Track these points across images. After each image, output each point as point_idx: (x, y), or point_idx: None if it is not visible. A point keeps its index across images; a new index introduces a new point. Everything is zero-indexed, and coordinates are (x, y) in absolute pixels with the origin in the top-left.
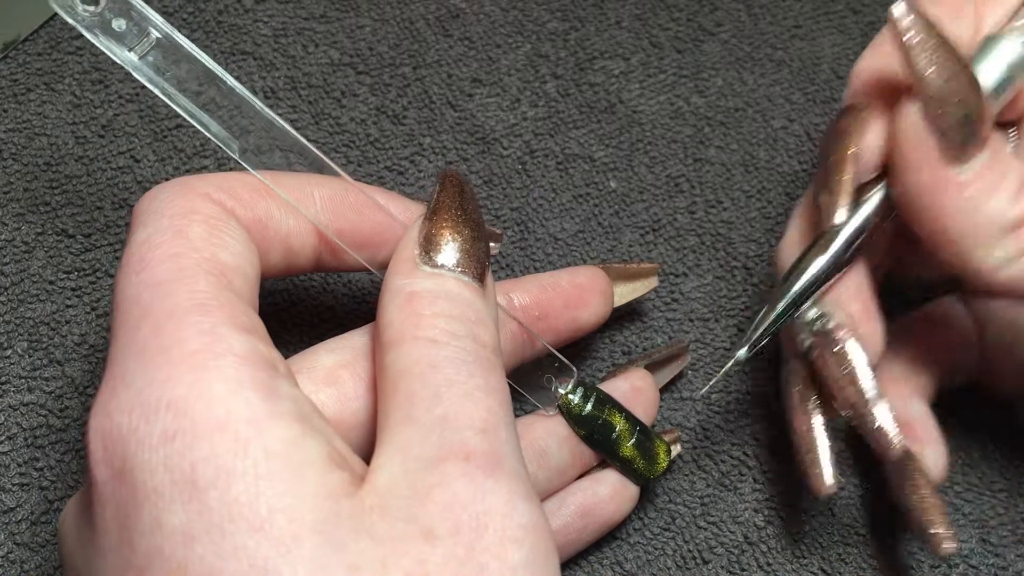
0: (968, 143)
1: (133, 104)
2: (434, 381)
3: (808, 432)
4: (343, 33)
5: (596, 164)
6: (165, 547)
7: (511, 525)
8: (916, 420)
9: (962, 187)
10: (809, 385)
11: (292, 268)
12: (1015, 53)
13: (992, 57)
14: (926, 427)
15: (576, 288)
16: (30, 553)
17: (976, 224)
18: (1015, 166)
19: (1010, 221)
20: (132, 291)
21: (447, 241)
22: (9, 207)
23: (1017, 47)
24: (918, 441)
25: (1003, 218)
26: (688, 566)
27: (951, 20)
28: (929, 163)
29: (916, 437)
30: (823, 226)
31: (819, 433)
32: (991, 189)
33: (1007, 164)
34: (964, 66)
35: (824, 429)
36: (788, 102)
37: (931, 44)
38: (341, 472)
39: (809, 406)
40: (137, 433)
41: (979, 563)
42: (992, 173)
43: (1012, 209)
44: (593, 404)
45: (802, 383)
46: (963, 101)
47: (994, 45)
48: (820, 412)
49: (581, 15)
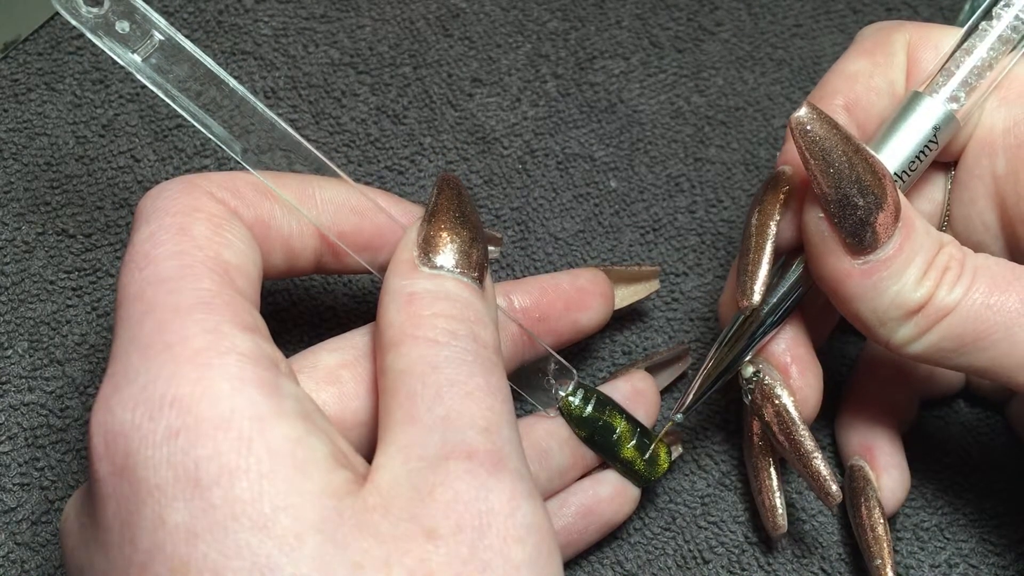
0: (869, 239)
1: (134, 104)
2: (435, 381)
3: (760, 475)
4: (343, 33)
5: (596, 164)
6: (167, 544)
7: (514, 524)
8: (879, 448)
9: (865, 275)
10: (762, 429)
11: (293, 269)
12: (940, 112)
13: (917, 115)
14: (888, 455)
15: (577, 290)
16: (31, 553)
17: (879, 309)
18: (924, 245)
19: (913, 304)
20: (135, 288)
21: (446, 243)
22: (9, 207)
23: (941, 105)
24: (878, 469)
25: (906, 302)
26: (688, 566)
27: (880, 69)
28: (832, 256)
29: (876, 465)
30: (739, 304)
31: (772, 476)
32: (896, 275)
33: (916, 245)
34: (867, 163)
35: (775, 473)
36: (789, 101)
37: (832, 150)
38: (344, 471)
39: (762, 447)
40: (140, 429)
41: (979, 563)
42: (899, 258)
43: (915, 292)
44: (594, 406)
45: (755, 425)
46: (864, 199)
47: (919, 102)
48: (772, 455)
49: (581, 15)
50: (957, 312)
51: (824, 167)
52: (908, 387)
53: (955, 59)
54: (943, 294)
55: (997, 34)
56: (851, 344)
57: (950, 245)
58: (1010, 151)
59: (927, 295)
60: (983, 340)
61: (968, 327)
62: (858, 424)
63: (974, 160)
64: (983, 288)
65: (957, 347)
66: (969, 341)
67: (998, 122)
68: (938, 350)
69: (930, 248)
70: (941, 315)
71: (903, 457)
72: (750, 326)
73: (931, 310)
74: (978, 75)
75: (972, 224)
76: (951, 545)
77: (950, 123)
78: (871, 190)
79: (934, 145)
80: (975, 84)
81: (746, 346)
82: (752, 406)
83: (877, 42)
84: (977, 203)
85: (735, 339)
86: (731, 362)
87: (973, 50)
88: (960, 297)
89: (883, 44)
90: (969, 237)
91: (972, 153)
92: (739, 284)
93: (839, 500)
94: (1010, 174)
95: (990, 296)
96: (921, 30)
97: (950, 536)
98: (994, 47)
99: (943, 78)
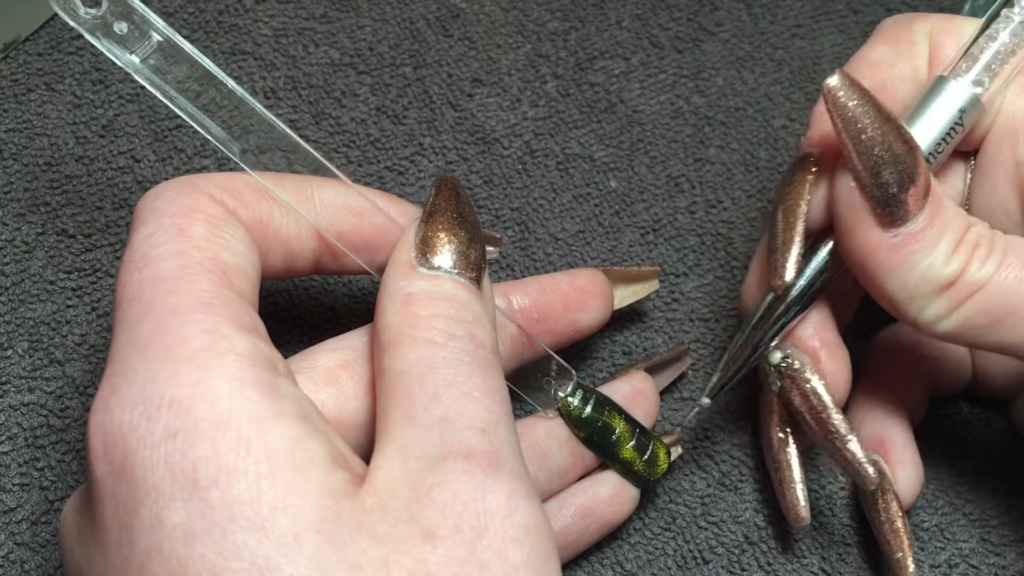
0: (900, 210)
1: (133, 104)
2: (433, 382)
3: (782, 465)
4: (343, 33)
5: (596, 164)
6: (165, 545)
7: (512, 524)
8: (892, 441)
9: (895, 249)
10: (783, 418)
11: (292, 270)
12: (965, 95)
13: (942, 98)
14: (902, 448)
15: (576, 291)
16: (31, 553)
17: (909, 284)
18: (954, 222)
19: (944, 279)
20: (134, 288)
21: (443, 243)
22: (9, 207)
23: (966, 88)
24: (892, 463)
25: (936, 277)
26: (689, 566)
27: (904, 57)
28: (863, 227)
29: (891, 458)
30: (772, 283)
31: (794, 466)
32: (926, 249)
33: (946, 221)
34: (898, 133)
35: (798, 462)
36: (789, 101)
37: (863, 116)
38: (342, 472)
39: (784, 439)
40: (138, 430)
41: (979, 563)
42: (929, 232)
43: (946, 268)
44: (593, 406)
45: (776, 416)
46: (897, 168)
47: (944, 86)
48: (794, 444)
49: (581, 15)
50: (989, 287)
51: (857, 134)
52: (920, 380)
53: (978, 45)
54: (974, 269)
55: (1020, 20)
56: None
57: (979, 224)
58: None
59: (959, 270)
60: (1014, 316)
61: (1001, 302)
62: (871, 418)
63: (995, 147)
64: (1016, 263)
65: (988, 324)
66: (1000, 317)
67: (1020, 109)
68: (968, 327)
69: (960, 224)
70: (973, 290)
71: (916, 450)
72: (777, 309)
73: (962, 285)
74: (1002, 60)
75: (993, 212)
76: (951, 545)
77: (975, 106)
78: (903, 160)
79: (960, 128)
80: (998, 69)
81: (773, 328)
82: (780, 393)
83: (899, 31)
84: (998, 190)
85: (761, 323)
86: (758, 345)
87: (996, 36)
88: (992, 272)
89: (905, 33)
90: (990, 225)
91: (993, 140)
92: (771, 263)
93: (877, 483)
94: None
95: (1023, 271)
96: (942, 20)
97: (950, 536)
98: (1016, 32)
99: (967, 63)
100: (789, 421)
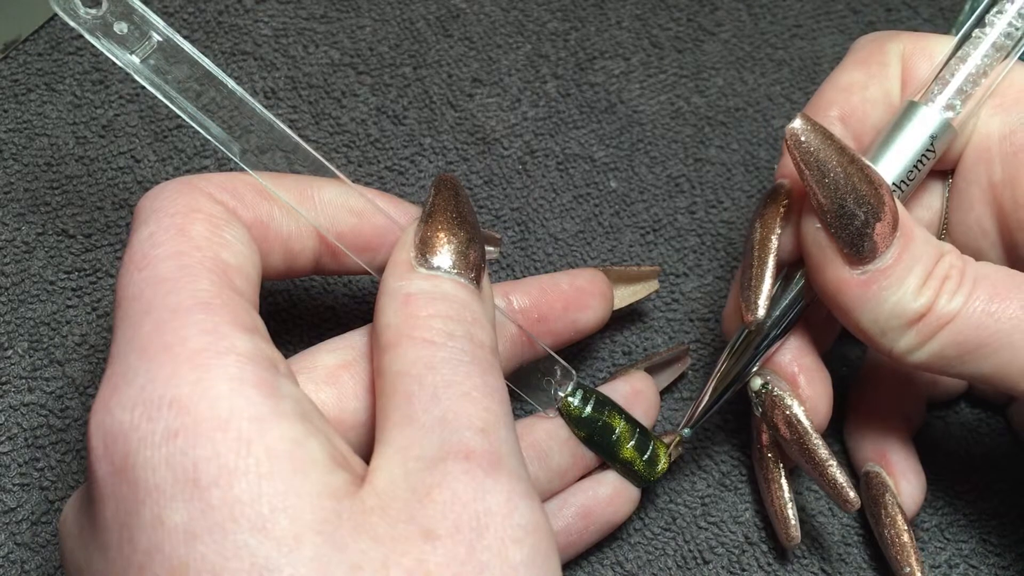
0: (868, 248)
1: (134, 104)
2: (432, 382)
3: (772, 485)
4: (343, 33)
5: (596, 164)
6: (166, 545)
7: (512, 524)
8: (894, 452)
9: (864, 285)
10: (772, 439)
11: (292, 270)
12: (936, 121)
13: (913, 124)
14: (904, 459)
15: (576, 291)
16: (31, 553)
17: (880, 318)
18: (924, 254)
19: (914, 313)
20: (134, 288)
21: (443, 243)
22: (9, 207)
23: (937, 114)
24: (895, 474)
25: (906, 312)
26: (689, 566)
27: (876, 80)
28: (832, 265)
29: (893, 470)
30: (744, 319)
31: (784, 486)
32: (895, 284)
33: (915, 254)
34: (863, 174)
35: (787, 483)
36: (789, 102)
37: (826, 160)
38: (342, 472)
39: (773, 459)
40: (139, 430)
41: (979, 563)
42: (898, 267)
43: (916, 302)
44: (593, 406)
45: (765, 436)
46: (862, 209)
47: (915, 112)
48: (783, 465)
49: (581, 15)
50: (958, 320)
51: (820, 178)
52: (916, 391)
53: (950, 67)
54: (944, 302)
55: (991, 41)
56: (850, 346)
57: (950, 254)
58: (1006, 158)
59: (927, 304)
60: (985, 348)
61: (970, 335)
62: (869, 431)
63: (971, 167)
64: (984, 296)
65: (959, 355)
66: (971, 349)
67: (994, 129)
68: (940, 359)
69: (929, 257)
70: (942, 323)
71: (917, 460)
72: (755, 338)
73: (932, 319)
74: (973, 83)
75: (971, 231)
76: (951, 545)
77: (946, 132)
78: (867, 200)
79: (931, 154)
80: (970, 92)
81: (752, 358)
82: (763, 418)
83: (871, 53)
84: (975, 210)
85: (741, 351)
86: (738, 374)
87: (967, 58)
88: (961, 305)
89: (877, 54)
90: (968, 244)
91: (969, 160)
92: (743, 299)
93: (857, 506)
94: (1007, 180)
95: (991, 304)
96: (915, 40)
97: (950, 536)
98: (988, 54)
99: (938, 87)
100: (776, 442)
